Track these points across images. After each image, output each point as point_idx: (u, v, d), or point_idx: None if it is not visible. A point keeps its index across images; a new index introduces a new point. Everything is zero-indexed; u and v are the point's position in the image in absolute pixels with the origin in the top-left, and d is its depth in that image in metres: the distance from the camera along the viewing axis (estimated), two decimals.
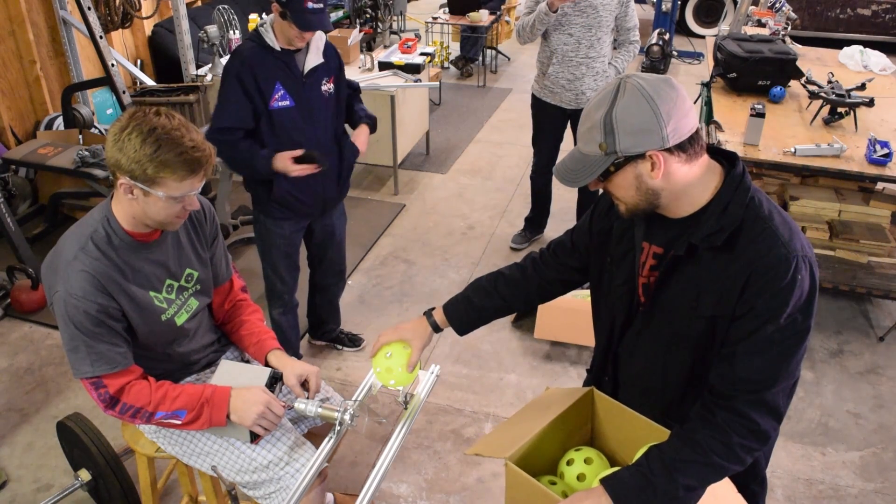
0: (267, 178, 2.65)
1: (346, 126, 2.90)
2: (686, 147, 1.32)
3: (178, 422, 1.74)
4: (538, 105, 3.86)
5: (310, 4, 2.43)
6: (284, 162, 2.58)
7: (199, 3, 6.57)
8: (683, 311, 1.44)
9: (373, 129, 2.91)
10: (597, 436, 1.73)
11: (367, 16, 7.07)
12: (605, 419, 1.68)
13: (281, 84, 2.56)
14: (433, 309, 1.83)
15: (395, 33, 7.80)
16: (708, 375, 1.45)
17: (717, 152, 1.44)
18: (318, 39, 2.65)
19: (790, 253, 1.32)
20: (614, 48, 3.77)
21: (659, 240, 1.47)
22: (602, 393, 1.67)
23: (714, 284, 1.38)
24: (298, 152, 2.60)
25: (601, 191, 1.50)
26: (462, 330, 1.82)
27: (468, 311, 1.80)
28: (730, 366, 1.39)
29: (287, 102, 2.59)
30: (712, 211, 1.37)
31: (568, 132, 3.93)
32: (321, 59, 2.65)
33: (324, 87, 2.68)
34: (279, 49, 2.54)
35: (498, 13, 7.00)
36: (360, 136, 2.87)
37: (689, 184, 1.36)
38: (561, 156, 4.02)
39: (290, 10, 2.43)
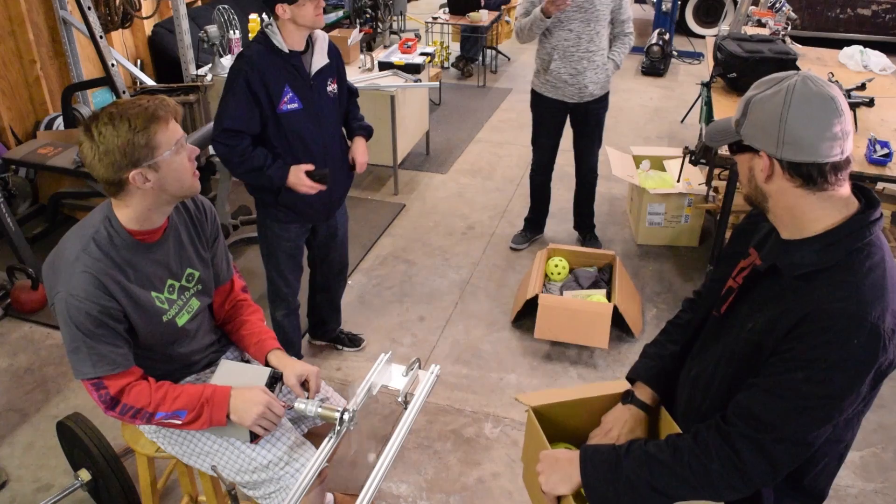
0: (276, 188, 2.64)
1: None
2: (802, 172, 1.25)
3: (179, 422, 1.74)
4: (539, 101, 3.87)
5: None
6: (299, 176, 2.59)
7: (199, 3, 6.57)
8: (740, 328, 1.40)
9: (368, 137, 2.91)
10: None
11: (367, 16, 7.07)
12: (652, 432, 1.69)
13: (290, 87, 2.54)
14: (629, 392, 1.69)
15: (395, 33, 7.80)
16: None
17: (862, 192, 1.34)
18: (322, 40, 2.64)
19: (858, 313, 1.21)
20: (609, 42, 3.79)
21: (764, 253, 1.43)
22: (668, 414, 1.63)
23: (772, 310, 1.32)
24: (311, 167, 2.61)
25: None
26: (653, 382, 1.68)
27: (647, 363, 1.70)
28: (746, 396, 1.33)
29: (296, 105, 2.57)
30: (815, 244, 1.29)
31: (567, 130, 3.93)
32: (326, 60, 2.64)
33: (329, 88, 2.68)
34: (287, 51, 2.52)
35: (498, 13, 7.00)
36: (359, 149, 2.86)
37: (800, 209, 1.30)
38: (561, 154, 4.05)
39: None
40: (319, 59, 2.62)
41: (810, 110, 1.23)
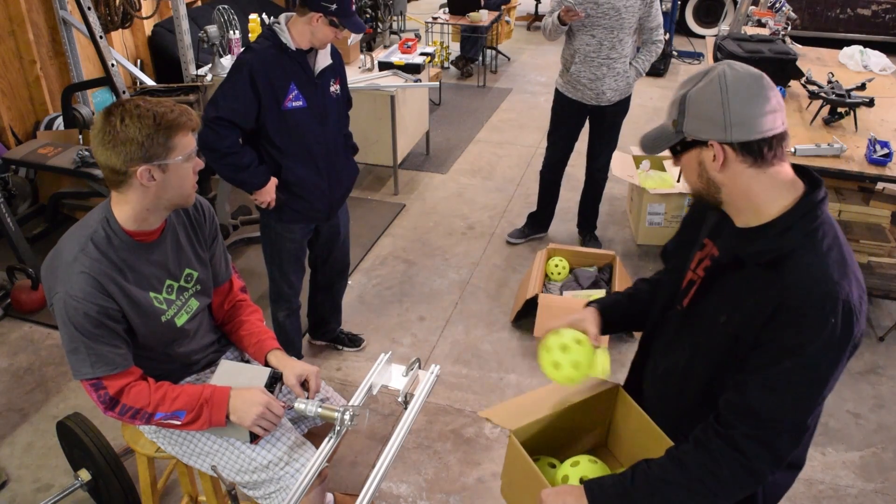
0: (249, 190, 2.67)
1: None
2: (754, 149, 1.28)
3: (178, 422, 1.74)
4: (560, 99, 3.89)
5: (353, 7, 2.51)
6: (272, 188, 2.66)
7: (199, 3, 6.57)
8: (712, 323, 1.41)
9: (353, 155, 3.01)
10: (612, 433, 1.74)
11: (367, 16, 7.07)
12: (622, 419, 1.68)
13: (295, 84, 2.56)
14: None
15: (395, 33, 7.80)
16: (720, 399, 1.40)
17: (804, 173, 1.37)
18: None
19: (831, 293, 1.25)
20: (638, 48, 3.79)
21: (721, 243, 1.44)
22: (626, 394, 1.65)
23: (746, 302, 1.33)
24: (276, 182, 2.68)
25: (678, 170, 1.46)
26: (609, 315, 1.69)
27: (619, 300, 1.72)
28: (739, 394, 1.33)
29: (300, 103, 2.58)
30: (772, 230, 1.32)
31: (584, 132, 3.95)
32: (330, 60, 2.66)
33: (332, 88, 2.69)
34: (294, 49, 2.54)
35: (498, 13, 7.00)
36: None
37: (753, 192, 1.32)
38: (574, 155, 4.06)
39: (339, 16, 2.47)
40: (323, 59, 2.63)
41: (747, 90, 1.26)
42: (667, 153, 1.41)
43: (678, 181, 4.23)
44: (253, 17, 5.05)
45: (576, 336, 1.58)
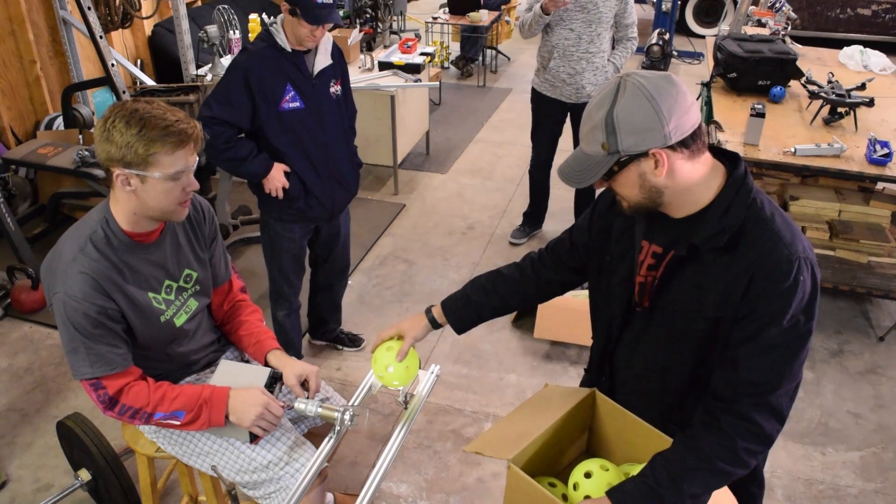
0: (256, 180, 2.66)
1: None
2: (689, 143, 1.31)
3: (177, 422, 1.74)
4: (538, 99, 3.91)
5: (319, 0, 2.44)
6: (280, 173, 2.63)
7: (199, 3, 6.57)
8: (685, 312, 1.44)
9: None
10: (595, 438, 1.73)
11: (367, 16, 7.07)
12: (605, 422, 1.67)
13: (291, 85, 2.55)
14: (433, 306, 1.83)
15: (395, 33, 7.80)
16: (709, 378, 1.44)
17: (719, 153, 1.43)
18: (326, 41, 2.64)
19: (793, 254, 1.31)
20: (612, 45, 3.80)
21: (659, 239, 1.47)
22: (604, 396, 1.66)
23: (717, 285, 1.37)
24: (287, 168, 2.65)
25: (600, 190, 1.50)
26: (459, 327, 1.82)
27: (466, 308, 1.80)
28: (733, 369, 1.38)
29: (297, 104, 2.58)
30: (714, 211, 1.36)
31: (567, 127, 3.96)
32: (330, 61, 2.65)
33: (332, 89, 2.68)
34: (290, 50, 2.53)
35: (498, 13, 7.00)
36: None
37: (692, 182, 1.35)
38: (560, 153, 4.06)
39: (300, 6, 2.42)
40: (323, 60, 2.62)
41: (668, 92, 1.28)
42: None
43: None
44: (253, 17, 5.04)
45: (386, 363, 1.75)
